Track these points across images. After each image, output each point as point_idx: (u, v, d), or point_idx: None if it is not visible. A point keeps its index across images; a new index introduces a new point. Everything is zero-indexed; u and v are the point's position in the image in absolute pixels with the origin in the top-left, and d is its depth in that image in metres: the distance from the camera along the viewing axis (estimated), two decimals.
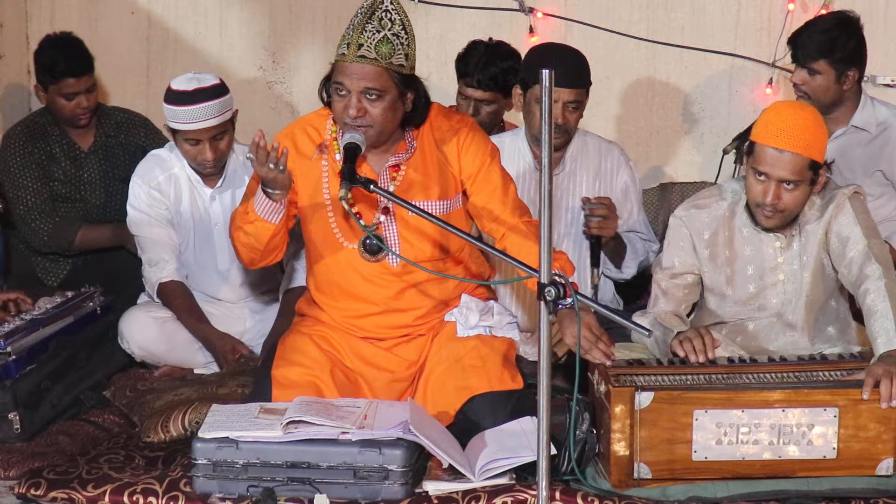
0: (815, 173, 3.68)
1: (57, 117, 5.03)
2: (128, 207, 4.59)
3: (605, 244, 4.47)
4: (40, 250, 5.05)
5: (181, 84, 4.37)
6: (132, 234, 4.60)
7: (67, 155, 5.07)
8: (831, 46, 4.57)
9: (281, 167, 3.57)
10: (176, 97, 4.35)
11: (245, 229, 3.76)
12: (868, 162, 4.70)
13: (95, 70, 5.05)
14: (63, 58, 4.93)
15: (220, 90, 4.39)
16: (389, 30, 3.60)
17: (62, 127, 5.07)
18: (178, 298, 4.50)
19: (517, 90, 4.50)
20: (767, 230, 3.81)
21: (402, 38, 3.62)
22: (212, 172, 4.50)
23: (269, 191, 3.65)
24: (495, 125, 5.01)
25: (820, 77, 4.59)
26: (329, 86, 3.70)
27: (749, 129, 3.92)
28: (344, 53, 3.61)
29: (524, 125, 4.55)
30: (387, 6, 3.61)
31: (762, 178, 3.67)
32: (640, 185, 4.76)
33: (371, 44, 3.58)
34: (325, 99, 3.75)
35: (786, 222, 3.77)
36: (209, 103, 4.33)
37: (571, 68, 4.34)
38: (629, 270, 4.59)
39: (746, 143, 3.78)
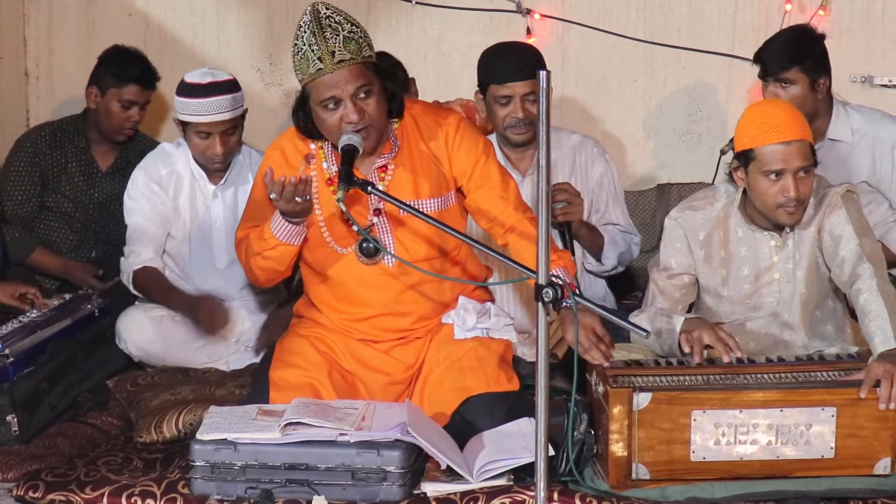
0: (814, 155, 3.74)
1: (101, 123, 5.00)
2: (125, 196, 4.57)
3: (577, 233, 4.44)
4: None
5: (195, 77, 4.38)
6: (125, 223, 4.56)
7: (83, 171, 5.06)
8: (802, 53, 4.57)
9: (306, 196, 3.58)
10: (190, 90, 4.36)
11: (265, 255, 3.76)
12: (851, 173, 4.64)
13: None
14: (137, 66, 4.95)
15: (233, 85, 4.41)
16: (344, 29, 3.60)
17: (88, 140, 5.06)
18: (150, 283, 4.43)
19: (478, 95, 4.50)
20: (776, 228, 3.81)
21: (357, 32, 3.63)
22: (219, 168, 4.49)
23: (292, 219, 3.66)
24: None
25: (794, 87, 4.57)
26: (305, 112, 3.69)
27: None
28: (321, 68, 3.58)
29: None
30: (325, 12, 3.60)
31: (777, 177, 3.68)
32: (619, 177, 4.72)
33: (340, 47, 3.58)
34: (304, 126, 3.73)
35: (804, 214, 3.79)
36: (223, 97, 4.35)
37: (521, 61, 4.36)
38: (609, 262, 4.56)
39: (735, 155, 3.78)
